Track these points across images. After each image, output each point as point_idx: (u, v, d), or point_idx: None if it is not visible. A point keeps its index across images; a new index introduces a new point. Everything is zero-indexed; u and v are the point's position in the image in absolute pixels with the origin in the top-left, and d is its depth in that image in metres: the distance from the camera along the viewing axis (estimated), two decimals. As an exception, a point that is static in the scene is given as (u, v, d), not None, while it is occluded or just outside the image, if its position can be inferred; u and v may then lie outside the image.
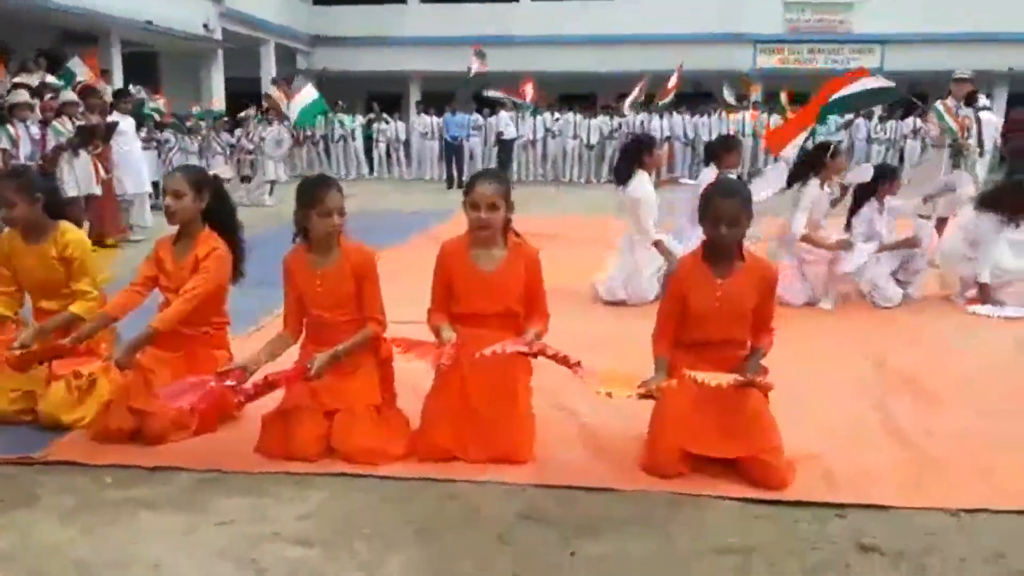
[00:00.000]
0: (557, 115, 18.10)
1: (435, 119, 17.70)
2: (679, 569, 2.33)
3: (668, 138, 17.43)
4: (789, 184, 5.77)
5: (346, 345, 3.05)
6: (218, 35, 18.70)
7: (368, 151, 18.61)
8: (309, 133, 18.74)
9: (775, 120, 17.52)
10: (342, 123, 18.44)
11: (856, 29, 22.29)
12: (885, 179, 5.82)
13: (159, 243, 3.43)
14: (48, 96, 8.84)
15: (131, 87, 11.54)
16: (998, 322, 5.27)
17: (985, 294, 5.59)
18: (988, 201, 5.68)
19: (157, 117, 12.11)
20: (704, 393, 2.80)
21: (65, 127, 7.98)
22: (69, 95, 8.75)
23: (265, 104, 13.84)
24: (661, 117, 17.46)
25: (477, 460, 2.94)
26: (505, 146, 16.78)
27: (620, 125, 17.73)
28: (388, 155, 18.50)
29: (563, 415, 3.42)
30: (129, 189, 8.66)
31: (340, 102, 19.69)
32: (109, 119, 8.49)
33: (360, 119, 18.61)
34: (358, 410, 3.02)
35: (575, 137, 17.84)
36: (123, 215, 8.70)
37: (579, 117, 17.82)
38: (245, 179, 11.84)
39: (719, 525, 2.56)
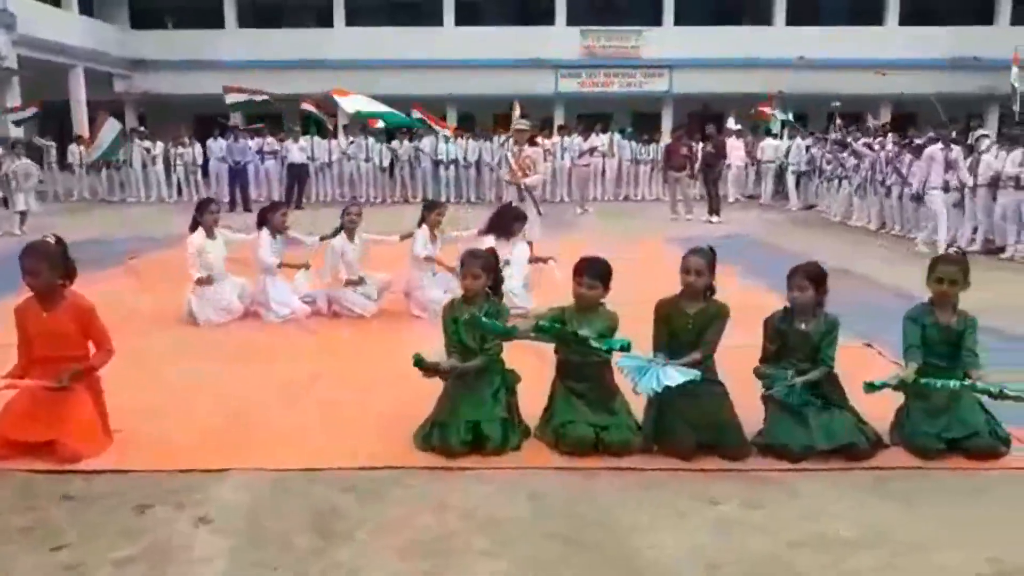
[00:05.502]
0: (351, 138, 19.14)
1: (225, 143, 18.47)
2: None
3: (454, 161, 18.77)
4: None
5: None
6: (11, 62, 18.90)
7: (168, 175, 19.21)
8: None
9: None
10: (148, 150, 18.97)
11: (645, 55, 24.26)
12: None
13: None
14: None
15: None
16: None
17: None
18: (487, 226, 6.98)
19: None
20: (34, 395, 3.89)
21: None
22: None
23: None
24: (446, 142, 18.68)
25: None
26: (292, 170, 17.67)
27: (415, 149, 18.94)
28: (187, 179, 19.14)
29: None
30: None
31: (142, 128, 20.25)
32: None
33: (160, 145, 19.16)
34: None
35: (367, 160, 18.91)
36: None
37: (371, 140, 18.87)
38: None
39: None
